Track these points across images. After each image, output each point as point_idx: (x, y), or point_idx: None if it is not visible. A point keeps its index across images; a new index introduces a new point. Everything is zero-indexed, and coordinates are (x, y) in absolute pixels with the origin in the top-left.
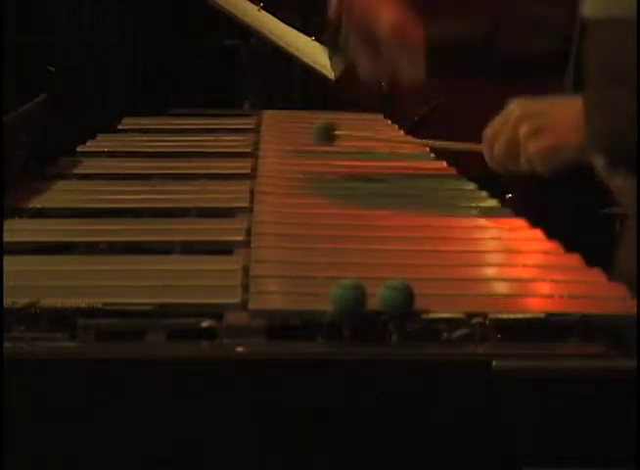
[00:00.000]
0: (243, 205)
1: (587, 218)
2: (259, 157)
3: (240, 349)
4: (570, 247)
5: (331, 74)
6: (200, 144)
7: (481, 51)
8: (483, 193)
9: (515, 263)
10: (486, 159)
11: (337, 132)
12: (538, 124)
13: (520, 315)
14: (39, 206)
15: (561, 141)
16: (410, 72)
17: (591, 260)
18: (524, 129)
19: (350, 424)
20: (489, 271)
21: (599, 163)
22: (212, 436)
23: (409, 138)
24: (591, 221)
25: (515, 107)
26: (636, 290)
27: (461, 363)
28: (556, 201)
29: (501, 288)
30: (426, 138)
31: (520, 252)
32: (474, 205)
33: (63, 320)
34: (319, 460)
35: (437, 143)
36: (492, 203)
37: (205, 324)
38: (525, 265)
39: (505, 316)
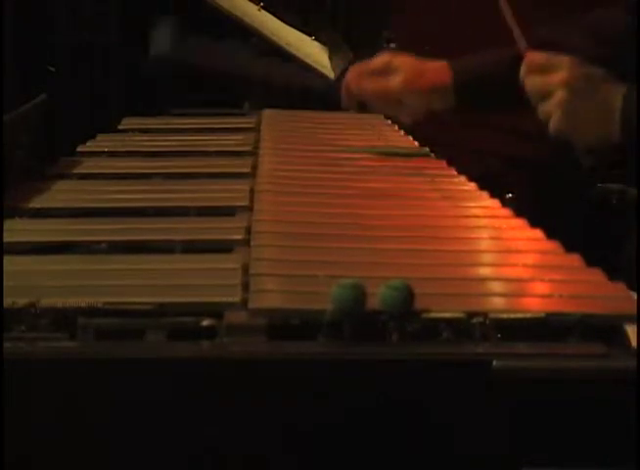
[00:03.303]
0: (243, 203)
1: (588, 218)
2: (259, 156)
3: (240, 348)
4: (570, 247)
5: (331, 74)
6: (200, 144)
7: (507, 81)
8: (483, 193)
9: (515, 263)
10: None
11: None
12: (575, 101)
13: (520, 315)
14: (39, 206)
15: (585, 121)
16: (437, 105)
17: (592, 260)
18: (559, 96)
19: (350, 424)
20: (489, 271)
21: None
22: (212, 436)
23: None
24: (591, 221)
25: (568, 67)
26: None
27: (461, 363)
28: (556, 201)
29: (501, 288)
30: (425, 139)
31: (520, 252)
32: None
33: (63, 320)
34: (319, 460)
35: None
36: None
37: (205, 323)
38: (525, 265)
39: (505, 316)
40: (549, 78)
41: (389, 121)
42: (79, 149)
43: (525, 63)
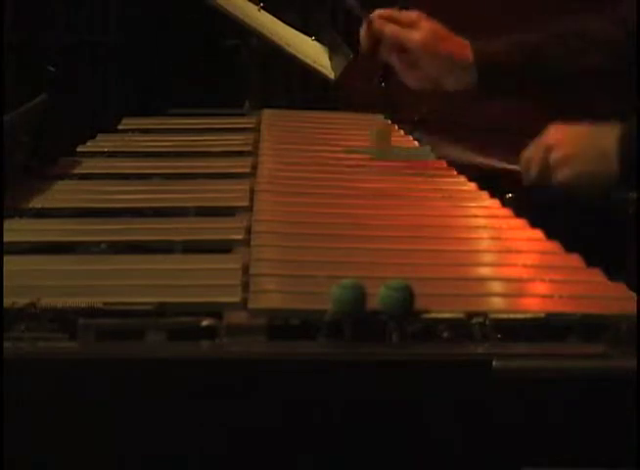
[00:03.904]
0: (243, 204)
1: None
2: (259, 156)
3: (240, 348)
4: (570, 247)
5: (331, 74)
6: (200, 144)
7: (529, 68)
8: (483, 193)
9: (515, 263)
10: (524, 179)
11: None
12: (568, 153)
13: (520, 315)
14: (39, 206)
15: (589, 169)
16: (449, 82)
17: (592, 260)
18: (553, 156)
19: (350, 424)
20: (489, 271)
21: None
22: (212, 435)
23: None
24: (591, 221)
25: (549, 133)
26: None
27: (461, 363)
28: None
29: (501, 288)
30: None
31: (520, 252)
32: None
33: (63, 320)
34: (319, 460)
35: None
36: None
37: (205, 323)
38: (525, 265)
39: (505, 316)
40: (540, 153)
41: (389, 122)
42: (79, 149)
43: (520, 162)
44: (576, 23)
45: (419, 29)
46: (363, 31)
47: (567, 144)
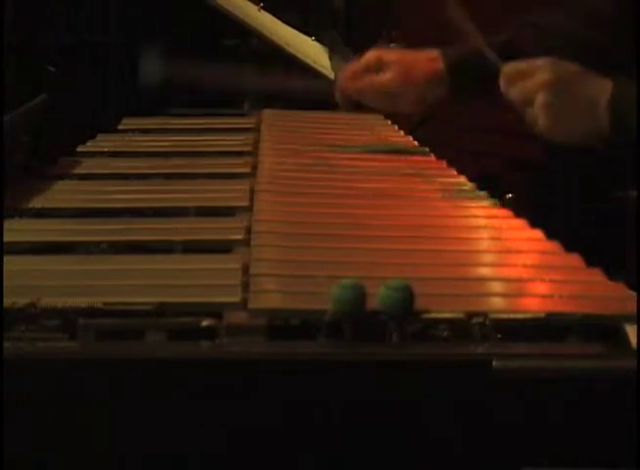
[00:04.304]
0: (243, 204)
1: (588, 218)
2: (259, 156)
3: (240, 348)
4: (570, 247)
5: (331, 74)
6: (200, 144)
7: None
8: (483, 193)
9: (515, 263)
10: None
11: None
12: (555, 101)
13: (520, 315)
14: (39, 206)
15: (575, 121)
16: (432, 96)
17: (592, 260)
18: (541, 98)
19: (350, 424)
20: (489, 271)
21: None
22: (212, 435)
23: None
24: (592, 221)
25: (546, 69)
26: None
27: (461, 363)
28: (556, 201)
29: (501, 288)
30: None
31: (520, 252)
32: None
33: (63, 320)
34: (319, 459)
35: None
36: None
37: (204, 323)
38: (525, 265)
39: (505, 316)
40: (529, 83)
41: (389, 122)
42: (79, 149)
43: (502, 75)
44: (543, 17)
45: (388, 68)
46: (338, 95)
47: (555, 90)
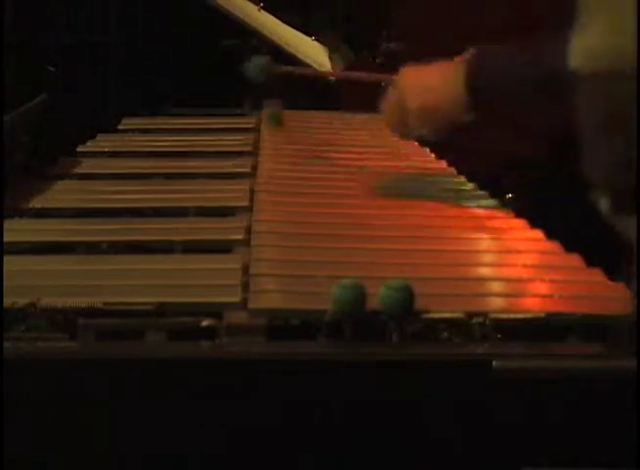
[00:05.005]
0: (243, 204)
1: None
2: (259, 156)
3: (240, 348)
4: (570, 247)
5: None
6: (200, 144)
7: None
8: (483, 193)
9: (515, 263)
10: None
11: None
12: (416, 89)
13: (520, 315)
14: (39, 206)
15: (434, 95)
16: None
17: (592, 260)
18: (407, 103)
19: (350, 424)
20: (489, 271)
21: (604, 205)
22: (212, 435)
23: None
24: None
25: (400, 80)
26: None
27: (461, 363)
28: (556, 201)
29: (501, 288)
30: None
31: (520, 252)
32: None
33: (63, 320)
34: (319, 459)
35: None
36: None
37: (204, 323)
38: (525, 265)
39: (505, 316)
40: (397, 116)
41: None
42: (79, 149)
43: (384, 115)
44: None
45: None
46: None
47: (414, 84)
